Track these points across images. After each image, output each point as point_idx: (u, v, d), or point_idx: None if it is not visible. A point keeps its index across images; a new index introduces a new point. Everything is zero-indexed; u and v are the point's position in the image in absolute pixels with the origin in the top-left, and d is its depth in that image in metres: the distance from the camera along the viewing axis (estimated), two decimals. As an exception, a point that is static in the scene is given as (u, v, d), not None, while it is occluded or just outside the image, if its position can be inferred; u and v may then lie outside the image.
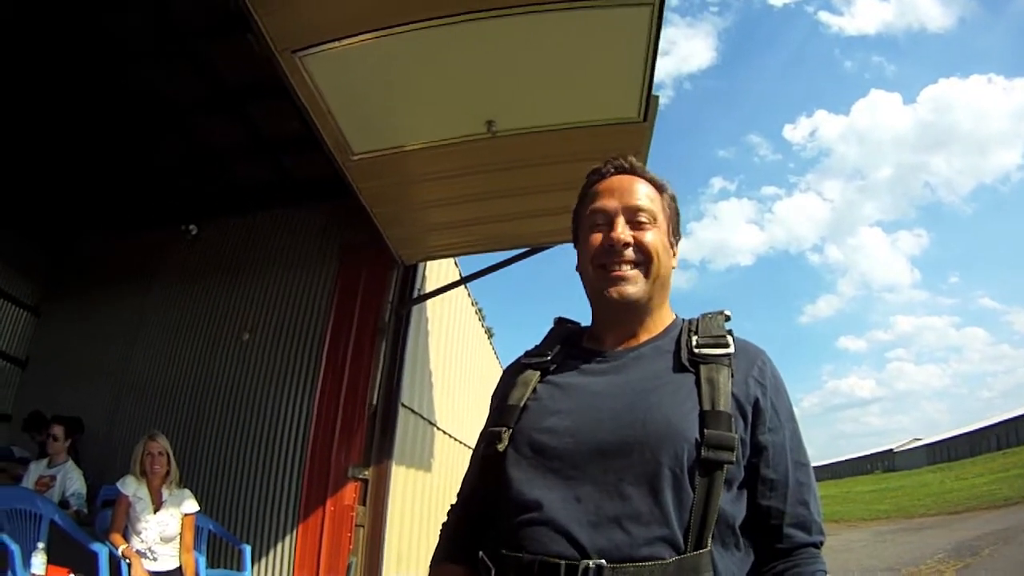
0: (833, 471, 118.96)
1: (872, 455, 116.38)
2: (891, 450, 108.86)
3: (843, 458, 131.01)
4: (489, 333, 17.85)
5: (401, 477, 8.76)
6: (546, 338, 1.89)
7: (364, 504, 7.85)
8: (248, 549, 7.26)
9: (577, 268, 1.86)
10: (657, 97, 5.58)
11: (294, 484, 7.80)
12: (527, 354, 1.85)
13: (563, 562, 1.38)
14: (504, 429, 1.64)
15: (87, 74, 7.76)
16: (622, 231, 1.71)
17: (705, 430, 1.47)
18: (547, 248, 7.91)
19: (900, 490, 46.85)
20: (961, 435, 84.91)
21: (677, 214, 1.86)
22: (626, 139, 5.68)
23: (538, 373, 1.76)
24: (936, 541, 18.39)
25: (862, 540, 22.20)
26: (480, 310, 15.48)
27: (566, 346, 1.83)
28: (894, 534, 22.63)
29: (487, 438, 1.69)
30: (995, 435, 73.76)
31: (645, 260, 1.71)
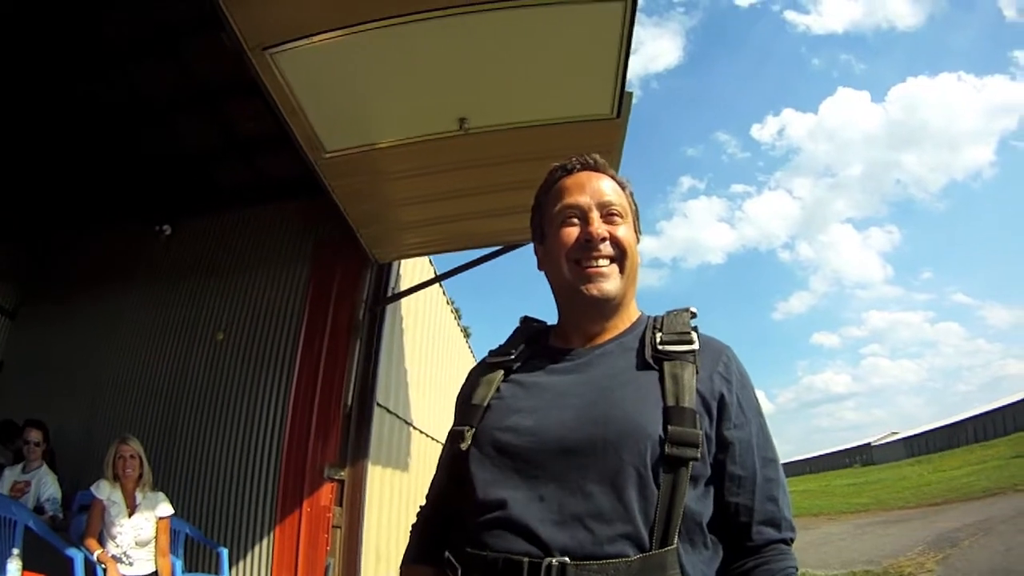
0: (811, 465, 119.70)
1: (850, 449, 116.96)
2: (869, 444, 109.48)
3: (821, 452, 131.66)
4: (466, 332, 17.88)
5: (377, 477, 8.76)
6: (511, 337, 1.89)
7: (341, 505, 7.83)
8: (225, 552, 7.26)
9: (540, 266, 1.87)
10: (631, 94, 5.60)
11: (270, 486, 7.77)
12: (491, 353, 1.85)
13: (526, 559, 1.37)
14: (467, 428, 1.63)
15: (61, 75, 7.72)
16: (599, 226, 1.70)
17: (669, 427, 1.46)
18: (523, 246, 7.87)
19: (879, 483, 46.99)
20: (938, 428, 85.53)
21: (638, 211, 1.86)
22: (600, 136, 5.70)
23: (502, 372, 1.76)
24: (916, 533, 18.43)
25: (841, 533, 22.28)
26: (456, 309, 15.50)
27: (531, 345, 1.83)
28: (874, 527, 22.68)
29: (451, 438, 1.68)
30: (972, 427, 74.35)
31: (620, 255, 1.72)
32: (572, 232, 1.72)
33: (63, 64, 7.56)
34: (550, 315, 1.89)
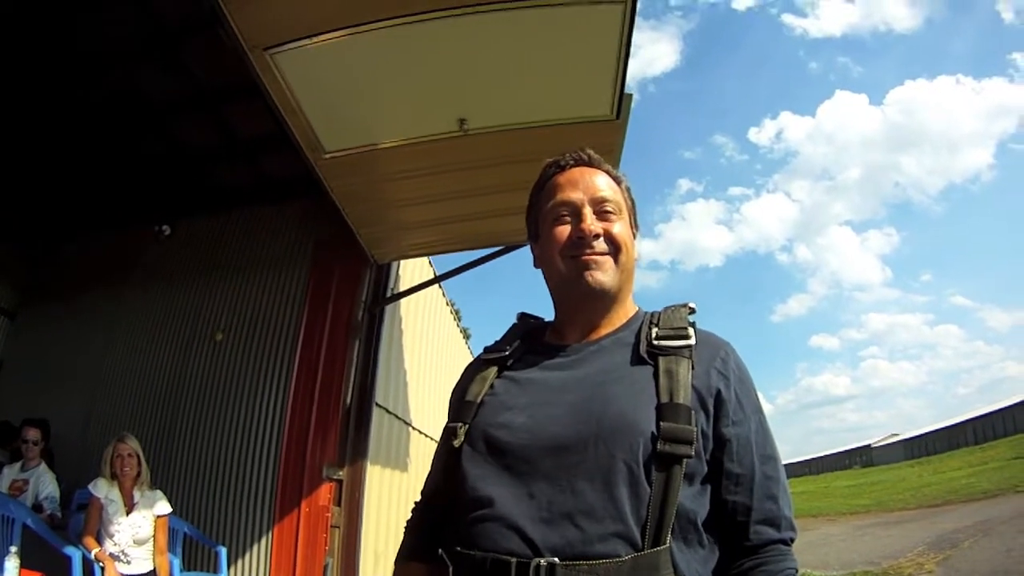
0: (811, 467, 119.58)
1: (850, 451, 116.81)
2: (869, 446, 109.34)
3: (821, 454, 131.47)
4: (466, 334, 17.86)
5: (376, 477, 8.74)
6: (506, 334, 1.87)
7: (339, 505, 7.81)
8: (224, 551, 7.25)
9: (536, 264, 1.85)
10: (630, 95, 5.58)
11: (269, 485, 7.76)
12: (486, 350, 1.83)
13: (514, 560, 1.35)
14: (460, 425, 1.62)
15: (60, 76, 7.69)
16: (591, 222, 1.69)
17: (661, 423, 1.44)
18: (523, 246, 7.83)
19: (879, 484, 46.94)
20: (938, 430, 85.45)
21: (635, 205, 1.84)
22: (599, 137, 5.66)
23: (496, 369, 1.74)
24: (916, 534, 18.43)
25: (841, 534, 22.29)
26: (456, 310, 15.50)
27: (527, 341, 1.81)
28: (873, 528, 22.66)
29: (445, 434, 1.67)
30: (972, 429, 74.32)
31: (615, 251, 1.70)
32: (565, 230, 1.71)
33: (61, 66, 7.52)
34: (550, 315, 1.87)
